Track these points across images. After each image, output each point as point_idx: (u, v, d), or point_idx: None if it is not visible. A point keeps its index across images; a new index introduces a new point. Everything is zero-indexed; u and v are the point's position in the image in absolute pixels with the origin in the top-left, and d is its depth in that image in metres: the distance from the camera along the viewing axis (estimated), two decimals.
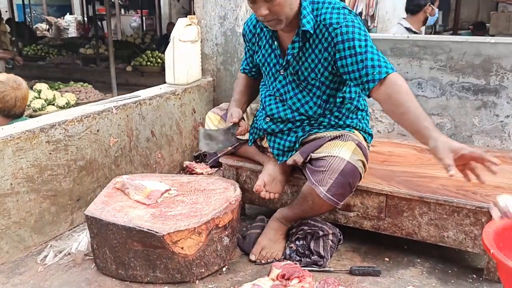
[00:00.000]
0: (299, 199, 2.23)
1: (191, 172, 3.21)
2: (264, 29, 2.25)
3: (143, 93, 3.03)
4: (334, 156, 2.05)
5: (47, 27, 15.79)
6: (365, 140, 2.29)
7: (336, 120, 2.25)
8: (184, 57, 3.23)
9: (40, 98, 5.34)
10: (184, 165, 3.28)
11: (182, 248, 1.96)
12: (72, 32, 15.29)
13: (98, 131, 2.59)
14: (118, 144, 2.74)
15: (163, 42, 10.93)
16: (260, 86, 2.46)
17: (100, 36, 11.41)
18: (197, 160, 3.38)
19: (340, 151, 2.07)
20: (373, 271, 2.12)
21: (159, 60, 9.45)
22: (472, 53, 2.73)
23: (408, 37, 2.89)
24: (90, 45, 10.95)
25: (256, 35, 2.33)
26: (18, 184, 2.20)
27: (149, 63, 9.42)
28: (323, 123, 2.25)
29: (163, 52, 9.61)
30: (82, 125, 2.50)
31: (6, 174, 2.14)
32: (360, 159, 2.08)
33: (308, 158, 2.15)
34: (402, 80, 1.97)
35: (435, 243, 2.16)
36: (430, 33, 6.09)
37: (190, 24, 3.29)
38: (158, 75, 9.24)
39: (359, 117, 2.29)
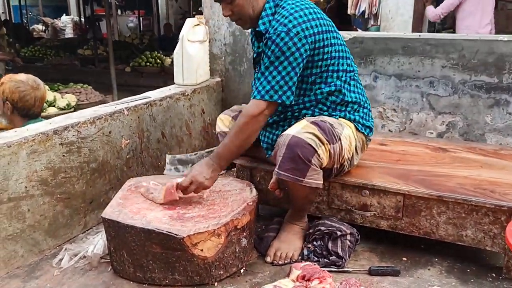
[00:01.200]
0: None
1: None
2: None
3: (153, 94, 3.01)
4: (281, 135, 2.09)
5: (44, 28, 15.70)
6: (357, 129, 2.27)
7: (321, 112, 2.25)
8: (193, 57, 3.21)
9: None
10: None
11: (201, 250, 1.94)
12: (69, 33, 15.22)
13: (110, 132, 2.57)
14: (130, 146, 2.72)
15: (162, 42, 10.91)
16: None
17: (98, 37, 11.38)
18: None
19: (288, 129, 2.10)
20: (393, 271, 2.11)
21: (158, 60, 9.43)
22: (485, 51, 2.73)
23: (419, 35, 2.88)
24: (88, 46, 10.92)
25: (252, 32, 2.39)
26: (33, 187, 2.18)
27: (148, 63, 9.40)
28: (307, 115, 2.24)
29: (162, 53, 9.67)
30: (95, 127, 2.48)
31: (21, 177, 2.12)
32: (309, 132, 2.05)
33: None
34: (250, 110, 2.12)
35: (453, 242, 2.15)
36: (432, 32, 6.09)
37: (198, 24, 3.27)
38: (157, 76, 9.22)
39: (349, 109, 2.27)
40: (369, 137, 2.36)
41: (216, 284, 2.03)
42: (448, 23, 10.53)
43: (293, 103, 2.16)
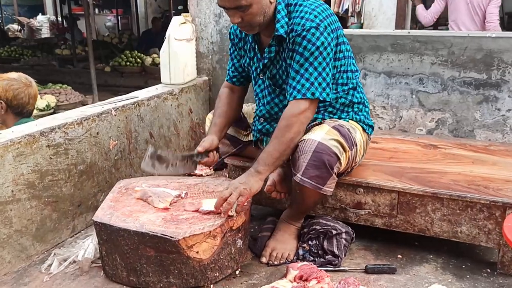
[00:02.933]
0: (292, 194, 2.21)
1: (189, 174, 3.14)
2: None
3: (141, 94, 2.95)
4: (305, 140, 2.02)
5: (19, 27, 15.37)
6: (364, 130, 2.27)
7: (331, 116, 2.23)
8: (180, 56, 3.16)
9: None
10: None
11: (197, 252, 1.90)
12: (45, 33, 14.90)
13: (97, 133, 2.51)
14: (118, 147, 2.66)
15: (143, 40, 10.78)
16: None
17: (77, 38, 11.19)
18: None
19: (311, 134, 2.04)
20: (389, 269, 2.10)
21: (138, 60, 9.30)
22: (474, 48, 2.74)
23: (409, 32, 2.89)
24: (67, 45, 10.73)
25: (242, 39, 2.30)
26: (19, 191, 2.11)
27: (128, 63, 9.26)
28: (317, 120, 2.21)
29: (142, 52, 9.55)
30: (82, 128, 2.41)
31: (7, 181, 2.05)
32: (334, 139, 2.02)
33: None
34: (291, 111, 2.03)
35: (447, 239, 2.16)
36: (415, 29, 6.13)
37: (184, 22, 3.22)
38: (138, 76, 9.11)
39: (355, 109, 2.27)
40: (370, 137, 2.35)
41: (211, 286, 1.99)
42: None
43: (332, 100, 2.10)
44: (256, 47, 2.21)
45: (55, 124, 2.29)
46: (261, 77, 2.24)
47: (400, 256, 2.23)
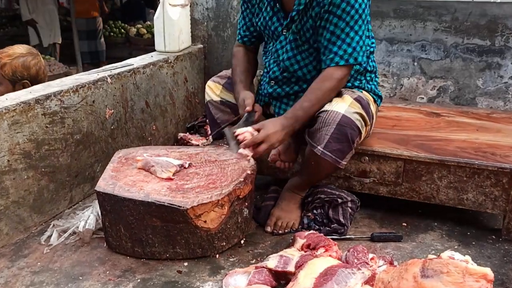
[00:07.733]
0: (304, 164, 2.17)
1: (186, 143, 3.08)
2: None
3: (136, 61, 2.84)
4: (328, 111, 1.96)
5: None
6: (375, 101, 2.23)
7: None
8: (175, 22, 3.05)
9: None
10: (178, 137, 3.14)
11: (205, 221, 1.86)
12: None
13: (93, 102, 2.42)
14: (114, 116, 2.57)
15: (126, 11, 10.51)
16: (263, 50, 2.35)
17: None
18: (191, 132, 3.25)
19: (335, 105, 1.98)
20: (395, 237, 2.09)
21: (122, 30, 9.09)
22: (477, 14, 2.69)
23: None
24: None
25: None
26: (16, 161, 2.03)
27: (112, 33, 9.04)
28: None
29: (126, 22, 9.32)
30: (78, 95, 2.32)
31: (2, 150, 1.96)
32: (357, 112, 1.98)
33: None
34: (336, 74, 1.98)
35: (453, 206, 2.15)
36: None
37: None
38: (122, 46, 8.91)
39: (368, 78, 2.22)
40: (378, 108, 2.31)
41: (218, 256, 1.96)
42: None
43: None
44: (278, 5, 2.10)
45: (50, 92, 2.19)
46: (283, 33, 2.13)
47: (405, 224, 2.22)
